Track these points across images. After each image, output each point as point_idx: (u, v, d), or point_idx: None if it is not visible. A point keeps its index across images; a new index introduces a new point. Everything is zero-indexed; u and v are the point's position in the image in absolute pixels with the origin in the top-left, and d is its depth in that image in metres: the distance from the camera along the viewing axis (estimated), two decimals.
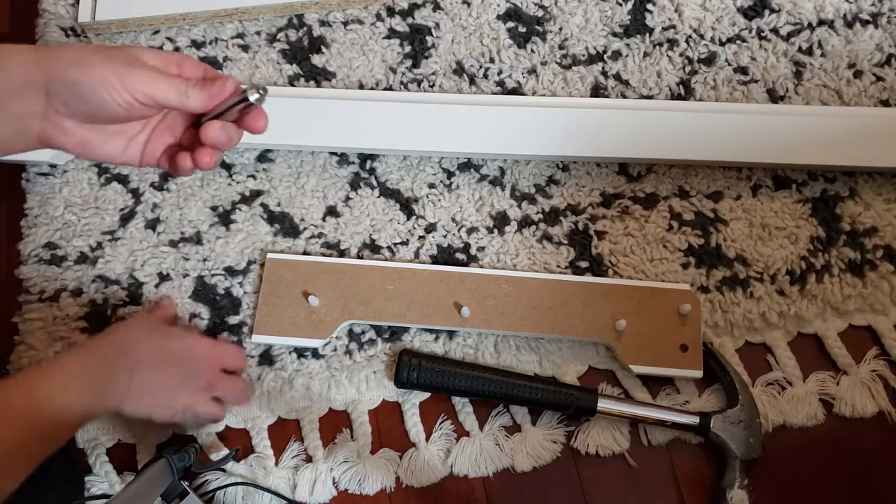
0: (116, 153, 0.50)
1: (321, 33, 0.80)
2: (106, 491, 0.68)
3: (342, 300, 0.69)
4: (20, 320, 0.73)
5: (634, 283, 0.69)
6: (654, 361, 0.67)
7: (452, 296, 0.69)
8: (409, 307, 0.69)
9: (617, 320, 0.67)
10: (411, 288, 0.69)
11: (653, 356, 0.67)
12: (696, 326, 0.68)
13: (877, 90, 0.77)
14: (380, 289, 0.69)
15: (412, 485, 0.68)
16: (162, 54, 0.49)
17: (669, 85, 0.78)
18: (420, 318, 0.69)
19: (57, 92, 0.45)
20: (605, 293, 0.69)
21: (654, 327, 0.67)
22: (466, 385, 0.67)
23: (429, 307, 0.69)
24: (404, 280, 0.70)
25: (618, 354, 0.68)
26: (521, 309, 0.68)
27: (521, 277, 0.70)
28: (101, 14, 0.80)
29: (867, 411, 0.68)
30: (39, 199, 0.76)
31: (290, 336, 0.69)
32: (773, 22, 0.79)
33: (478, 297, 0.69)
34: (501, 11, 0.81)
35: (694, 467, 0.68)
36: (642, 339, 0.67)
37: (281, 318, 0.69)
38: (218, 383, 0.63)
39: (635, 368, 0.67)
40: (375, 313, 0.69)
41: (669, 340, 0.67)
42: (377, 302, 0.69)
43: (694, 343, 0.67)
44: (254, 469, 0.68)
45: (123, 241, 0.74)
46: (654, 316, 0.68)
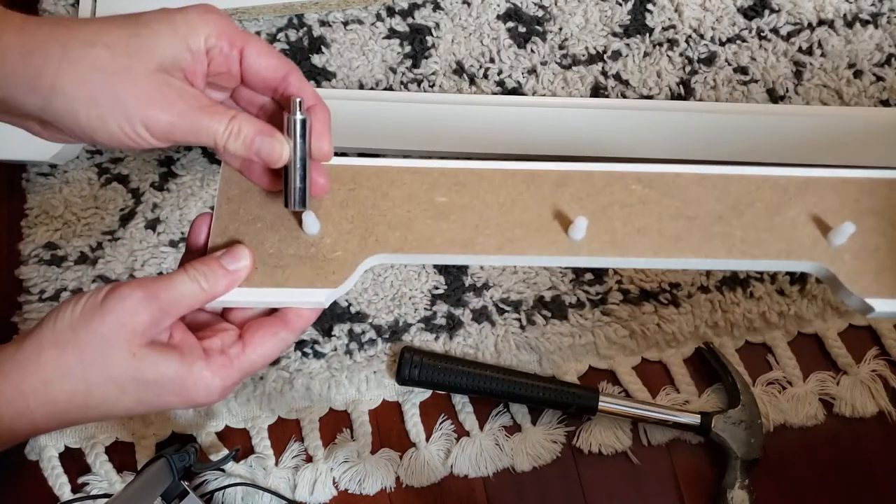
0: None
1: (321, 33, 0.81)
2: (106, 490, 0.68)
3: (362, 223, 0.43)
4: (20, 320, 0.73)
5: (841, 174, 0.46)
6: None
7: (550, 207, 0.44)
8: (479, 229, 0.43)
9: (830, 229, 0.43)
10: (477, 199, 0.44)
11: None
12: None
13: (877, 90, 0.77)
14: (426, 202, 0.44)
15: (412, 485, 0.68)
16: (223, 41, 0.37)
17: (669, 85, 0.78)
18: (501, 245, 0.43)
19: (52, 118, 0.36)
20: (799, 190, 0.45)
21: (889, 237, 0.44)
22: (468, 382, 0.67)
23: (512, 226, 0.43)
24: (466, 185, 0.44)
25: (843, 283, 0.43)
26: (673, 222, 0.44)
27: (660, 174, 0.45)
28: (100, 14, 0.80)
29: (867, 411, 0.68)
30: (40, 199, 0.76)
31: (272, 286, 0.41)
32: (773, 22, 0.79)
33: (594, 206, 0.44)
34: (501, 11, 0.81)
35: (694, 467, 0.68)
36: (878, 256, 0.43)
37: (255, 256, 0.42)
38: None
39: (881, 305, 0.42)
40: (420, 242, 0.43)
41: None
42: (423, 224, 0.44)
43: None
44: (254, 469, 0.68)
45: (123, 241, 0.74)
46: (885, 220, 0.44)
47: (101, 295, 0.36)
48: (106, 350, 0.36)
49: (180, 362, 0.37)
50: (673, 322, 0.70)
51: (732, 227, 0.44)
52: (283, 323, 0.41)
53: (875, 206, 0.44)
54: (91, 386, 0.36)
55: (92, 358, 0.36)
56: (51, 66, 0.34)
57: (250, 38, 0.37)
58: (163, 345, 0.38)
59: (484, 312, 0.71)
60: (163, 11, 0.36)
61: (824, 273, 0.43)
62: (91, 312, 0.36)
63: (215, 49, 0.37)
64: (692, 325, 0.70)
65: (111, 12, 0.79)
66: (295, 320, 0.41)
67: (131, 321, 0.36)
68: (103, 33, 0.35)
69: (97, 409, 0.37)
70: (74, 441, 0.69)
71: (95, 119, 0.35)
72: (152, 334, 0.37)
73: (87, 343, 0.36)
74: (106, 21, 0.35)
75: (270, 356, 0.40)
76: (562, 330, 0.70)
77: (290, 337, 0.41)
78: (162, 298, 0.37)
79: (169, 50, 0.35)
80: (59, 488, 0.68)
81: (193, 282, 0.38)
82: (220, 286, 0.39)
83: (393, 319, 0.71)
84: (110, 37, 0.35)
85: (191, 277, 0.38)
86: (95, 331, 0.36)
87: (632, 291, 0.71)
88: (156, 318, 0.37)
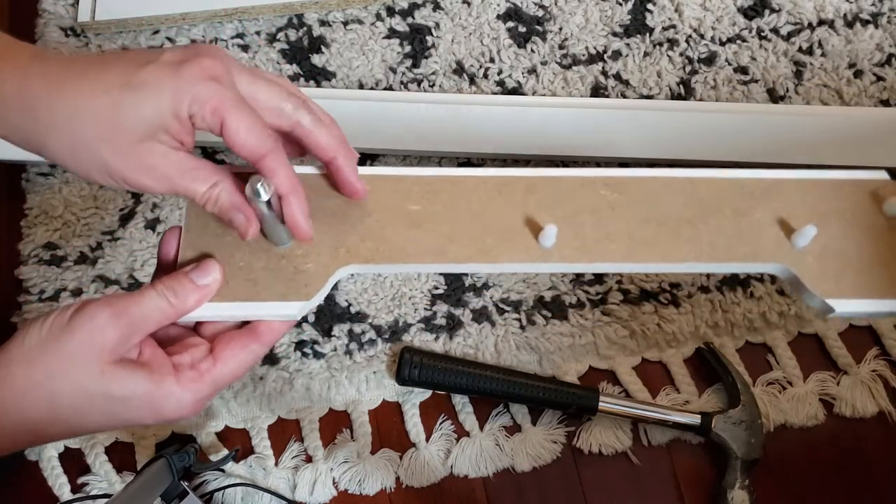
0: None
1: (321, 33, 0.80)
2: (105, 490, 0.68)
3: (333, 234, 0.43)
4: (20, 320, 0.73)
5: (807, 176, 0.46)
6: (868, 291, 0.43)
7: (522, 214, 0.44)
8: (451, 238, 0.43)
9: (795, 231, 0.44)
10: (450, 207, 0.44)
11: (860, 283, 0.43)
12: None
13: (877, 90, 0.77)
14: (397, 211, 0.44)
15: (412, 485, 0.68)
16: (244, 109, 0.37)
17: (669, 85, 0.78)
18: (473, 253, 0.43)
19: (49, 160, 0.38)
20: (765, 193, 0.45)
21: (852, 239, 0.44)
22: (468, 383, 0.67)
23: (484, 235, 0.43)
24: (438, 193, 0.44)
25: (806, 285, 0.43)
26: (641, 227, 0.44)
27: (629, 178, 0.45)
28: (100, 14, 0.80)
29: (867, 411, 0.68)
30: (39, 199, 0.76)
31: (243, 299, 0.41)
32: (774, 22, 0.79)
33: (563, 212, 0.44)
34: (501, 11, 0.81)
35: (694, 467, 0.67)
36: (838, 258, 0.44)
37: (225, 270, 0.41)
38: None
39: (840, 305, 0.43)
40: (392, 251, 0.43)
41: (877, 256, 0.44)
42: (395, 233, 0.43)
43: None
44: (253, 469, 0.68)
45: (123, 241, 0.74)
46: (847, 221, 0.45)
47: (69, 313, 0.36)
48: (74, 367, 0.36)
49: (149, 379, 0.37)
50: (673, 322, 0.70)
51: (700, 231, 0.44)
52: (255, 336, 0.40)
53: (838, 208, 0.45)
54: (59, 401, 0.36)
55: (60, 374, 0.36)
56: (40, 127, 0.35)
57: (232, 112, 0.36)
58: (131, 362, 0.38)
59: (484, 312, 0.71)
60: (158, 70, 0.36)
61: (788, 275, 0.44)
62: (59, 330, 0.36)
63: (197, 116, 0.37)
64: (692, 325, 0.70)
65: (110, 12, 0.79)
66: (266, 333, 0.41)
67: (99, 339, 0.36)
68: (91, 98, 0.35)
69: (67, 423, 0.37)
70: (74, 441, 0.69)
71: (83, 172, 0.37)
72: (121, 352, 0.37)
73: (56, 359, 0.36)
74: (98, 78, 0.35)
75: (242, 370, 0.40)
76: (562, 330, 0.70)
77: (261, 350, 0.41)
78: (130, 316, 0.37)
79: (155, 119, 0.36)
80: (58, 488, 0.68)
81: (162, 298, 0.38)
82: (189, 302, 0.39)
83: (393, 319, 0.71)
84: (96, 105, 0.35)
85: (159, 294, 0.38)
86: (63, 348, 0.36)
87: (632, 291, 0.71)
88: (124, 335, 0.37)
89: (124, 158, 0.36)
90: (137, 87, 0.35)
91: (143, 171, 0.36)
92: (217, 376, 0.39)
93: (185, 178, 0.37)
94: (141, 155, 0.36)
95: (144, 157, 0.36)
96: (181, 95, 0.35)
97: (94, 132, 0.35)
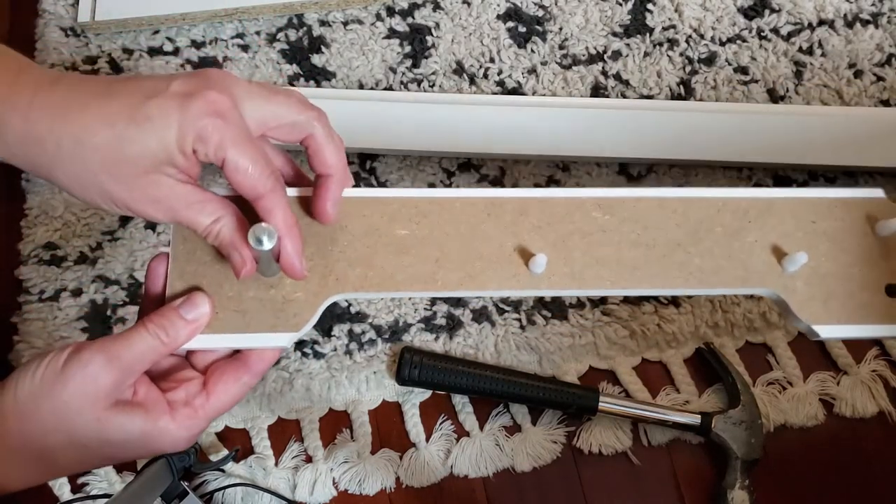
0: None
1: (321, 33, 0.80)
2: (105, 490, 0.68)
3: (322, 261, 0.42)
4: (20, 320, 0.73)
5: (801, 195, 0.45)
6: (852, 317, 0.43)
7: (511, 237, 0.43)
8: (440, 264, 0.43)
9: (785, 255, 0.44)
10: (439, 230, 0.43)
11: (848, 309, 0.43)
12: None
13: (877, 90, 0.77)
14: (386, 236, 0.43)
15: (412, 485, 0.68)
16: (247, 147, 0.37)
17: (670, 85, 0.78)
18: (461, 280, 0.43)
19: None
20: (758, 214, 0.45)
21: (842, 263, 0.44)
22: (468, 383, 0.67)
23: (474, 261, 0.43)
24: (427, 217, 0.43)
25: (794, 311, 0.43)
26: (630, 250, 0.44)
27: (620, 199, 0.45)
28: (100, 14, 0.79)
29: (867, 411, 0.68)
30: (39, 199, 0.76)
31: (233, 331, 0.41)
32: (774, 22, 0.79)
33: (554, 236, 0.44)
34: (501, 11, 0.81)
35: (694, 467, 0.67)
36: (827, 283, 0.44)
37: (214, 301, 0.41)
38: None
39: (824, 331, 0.43)
40: (381, 279, 0.42)
41: (868, 281, 0.44)
42: (383, 259, 0.43)
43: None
44: (253, 469, 0.68)
45: (123, 242, 0.74)
46: (838, 244, 0.44)
47: (61, 360, 0.36)
48: (69, 417, 0.35)
49: (145, 419, 0.37)
50: (673, 322, 0.70)
51: (690, 254, 0.44)
52: (245, 368, 0.41)
53: (829, 229, 0.45)
54: (55, 453, 0.36)
55: (55, 428, 0.35)
56: (46, 160, 0.35)
57: (232, 151, 0.36)
58: (127, 403, 0.37)
59: (484, 312, 0.71)
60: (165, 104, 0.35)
61: (777, 298, 0.44)
62: (52, 380, 0.35)
63: (200, 153, 0.36)
64: (692, 326, 0.70)
65: (110, 12, 0.79)
66: (257, 364, 0.41)
67: (94, 387, 0.35)
68: (95, 132, 0.35)
69: (63, 470, 0.37)
70: None
71: (89, 200, 0.37)
72: (116, 395, 0.37)
73: (50, 414, 0.35)
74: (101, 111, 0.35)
75: (234, 402, 0.41)
76: (562, 330, 0.70)
77: (252, 381, 0.41)
78: (123, 359, 0.37)
79: (161, 153, 0.35)
80: (58, 488, 0.68)
81: (153, 337, 0.38)
82: (181, 337, 0.39)
83: (393, 319, 0.71)
84: (100, 139, 0.35)
85: (150, 333, 0.38)
86: (57, 399, 0.35)
87: None
88: (118, 379, 0.36)
89: (129, 190, 0.36)
90: (142, 121, 0.35)
91: (148, 203, 0.36)
92: (210, 411, 0.39)
93: (191, 210, 0.37)
94: (145, 187, 0.36)
95: (149, 188, 0.36)
96: (186, 131, 0.35)
97: (99, 165, 0.35)
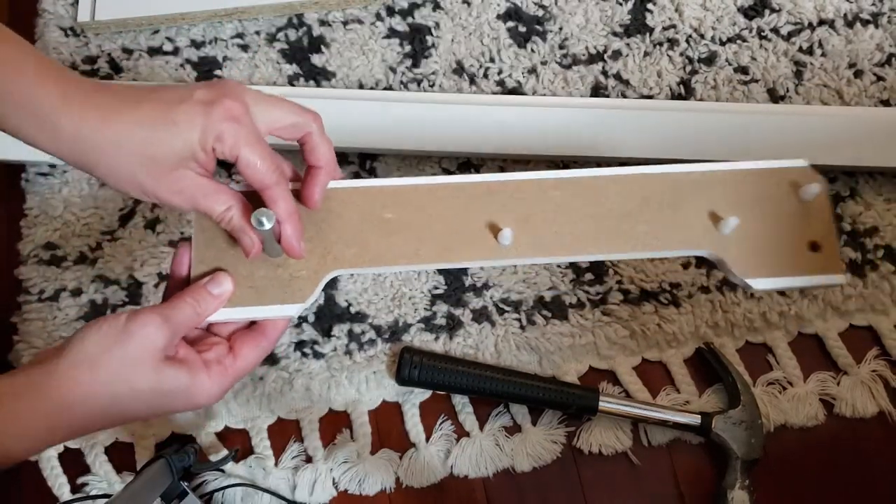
0: None
1: (321, 33, 0.80)
2: (105, 491, 0.68)
3: (321, 242, 0.49)
4: (20, 320, 0.73)
5: (734, 168, 0.52)
6: (779, 269, 0.50)
7: (482, 215, 0.50)
8: (422, 241, 0.50)
9: (721, 220, 0.50)
10: (420, 213, 0.50)
11: (776, 263, 0.50)
12: (825, 215, 0.51)
13: (877, 90, 0.77)
14: (375, 219, 0.50)
15: (412, 485, 0.68)
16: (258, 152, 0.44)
17: (670, 84, 0.78)
18: (440, 253, 0.50)
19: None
20: (696, 185, 0.51)
21: (770, 224, 0.51)
22: (468, 383, 0.67)
23: (450, 236, 0.50)
24: (408, 202, 0.50)
25: (728, 267, 0.50)
26: (583, 222, 0.50)
27: (575, 178, 0.51)
28: (100, 14, 0.79)
29: (867, 411, 0.68)
30: (39, 199, 0.76)
31: (248, 304, 0.48)
32: (774, 21, 0.79)
33: (518, 213, 0.50)
34: (501, 11, 0.81)
35: (694, 468, 0.67)
36: (758, 240, 0.50)
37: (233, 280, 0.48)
38: None
39: (755, 283, 0.50)
40: (372, 256, 0.49)
41: (793, 239, 0.51)
42: (373, 239, 0.50)
43: (827, 238, 0.51)
44: (253, 470, 0.68)
45: (123, 241, 0.74)
46: (768, 208, 0.51)
47: (121, 320, 0.43)
48: (132, 366, 0.43)
49: (188, 374, 0.44)
50: (673, 322, 0.70)
51: (637, 222, 0.50)
52: (263, 336, 0.48)
53: (759, 196, 0.51)
54: (118, 398, 0.43)
55: (119, 377, 0.42)
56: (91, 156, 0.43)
57: (245, 150, 0.44)
58: (174, 359, 0.45)
59: (484, 312, 0.71)
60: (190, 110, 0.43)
61: (715, 257, 0.50)
62: (117, 334, 0.43)
63: (218, 151, 0.44)
64: (692, 326, 0.70)
65: (110, 11, 0.79)
66: (272, 332, 0.49)
67: (151, 341, 0.43)
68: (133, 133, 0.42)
69: (120, 416, 0.44)
70: (74, 441, 0.69)
71: (123, 190, 0.44)
72: (166, 351, 0.44)
73: (118, 361, 0.42)
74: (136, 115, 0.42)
75: (256, 363, 0.48)
76: (562, 330, 0.70)
77: (269, 346, 0.49)
78: (173, 321, 0.44)
79: (186, 151, 0.43)
80: (58, 489, 0.68)
81: (191, 307, 0.46)
82: (210, 308, 0.47)
83: (393, 320, 0.71)
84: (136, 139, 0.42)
85: (188, 304, 0.45)
86: (124, 350, 0.42)
87: (632, 291, 0.71)
88: (169, 337, 0.44)
89: (159, 183, 0.43)
90: (170, 125, 0.42)
91: (174, 193, 0.44)
92: (237, 370, 0.47)
93: (208, 199, 0.45)
94: (173, 180, 0.43)
95: (175, 182, 0.44)
96: (208, 133, 0.43)
97: (135, 162, 0.43)
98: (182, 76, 0.79)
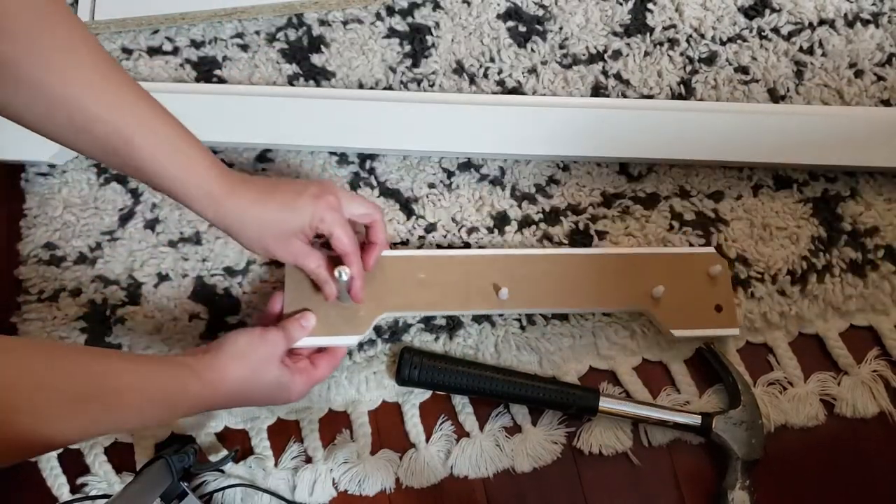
0: None
1: (321, 33, 0.80)
2: (105, 491, 0.68)
3: (374, 292, 0.67)
4: (19, 320, 0.73)
5: (665, 251, 0.70)
6: (693, 323, 0.67)
7: (487, 278, 0.68)
8: (445, 294, 0.68)
9: (653, 287, 0.67)
10: (444, 274, 0.68)
11: (691, 319, 0.68)
12: (727, 287, 0.69)
13: (878, 90, 0.77)
14: (411, 278, 0.68)
15: (412, 485, 0.68)
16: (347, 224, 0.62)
17: (670, 84, 0.78)
18: (458, 303, 0.68)
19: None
20: (638, 263, 0.69)
21: (688, 291, 0.68)
22: (468, 383, 0.67)
23: (465, 291, 0.68)
24: (436, 267, 0.68)
25: (657, 320, 0.68)
26: (559, 285, 0.68)
27: (554, 255, 0.70)
28: (99, 13, 0.79)
29: (868, 411, 0.68)
30: (39, 200, 0.76)
31: (324, 335, 0.65)
32: (774, 21, 0.79)
33: (513, 277, 0.68)
34: (501, 11, 0.81)
35: (695, 468, 0.67)
36: (679, 303, 0.68)
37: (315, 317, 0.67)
38: None
39: (676, 332, 0.67)
40: (409, 303, 0.68)
41: (704, 302, 0.68)
42: (410, 291, 0.68)
43: (728, 303, 0.68)
44: (253, 470, 0.68)
45: (122, 242, 0.74)
46: (686, 280, 0.68)
47: (257, 330, 0.60)
48: (267, 362, 0.60)
49: (290, 375, 0.61)
50: None
51: (596, 287, 0.69)
52: (333, 355, 0.66)
53: (680, 271, 0.69)
54: (253, 385, 0.59)
55: (258, 369, 0.59)
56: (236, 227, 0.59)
57: (337, 230, 0.61)
58: (284, 363, 0.61)
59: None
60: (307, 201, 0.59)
61: (648, 313, 0.69)
62: (258, 339, 0.60)
63: (319, 229, 0.61)
64: None
65: (110, 11, 0.79)
66: (339, 353, 0.66)
67: (277, 348, 0.61)
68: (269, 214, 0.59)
69: (248, 399, 0.59)
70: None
71: (252, 249, 0.61)
72: (282, 358, 0.62)
73: (258, 356, 0.59)
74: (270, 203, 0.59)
75: (327, 374, 0.65)
76: (562, 330, 0.70)
77: (336, 363, 0.66)
78: (285, 338, 0.62)
79: (299, 228, 0.60)
80: (57, 489, 0.68)
81: (289, 332, 0.63)
82: (298, 336, 0.64)
83: (393, 320, 0.71)
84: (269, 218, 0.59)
85: (287, 330, 0.63)
86: (264, 349, 0.60)
87: None
88: (284, 348, 0.62)
89: (278, 246, 0.60)
90: (294, 210, 0.60)
91: (286, 253, 0.61)
92: (315, 378, 0.64)
93: (308, 259, 0.62)
94: (286, 245, 0.61)
95: (288, 246, 0.61)
96: (316, 217, 0.60)
97: (268, 233, 0.59)
98: (182, 76, 0.79)
